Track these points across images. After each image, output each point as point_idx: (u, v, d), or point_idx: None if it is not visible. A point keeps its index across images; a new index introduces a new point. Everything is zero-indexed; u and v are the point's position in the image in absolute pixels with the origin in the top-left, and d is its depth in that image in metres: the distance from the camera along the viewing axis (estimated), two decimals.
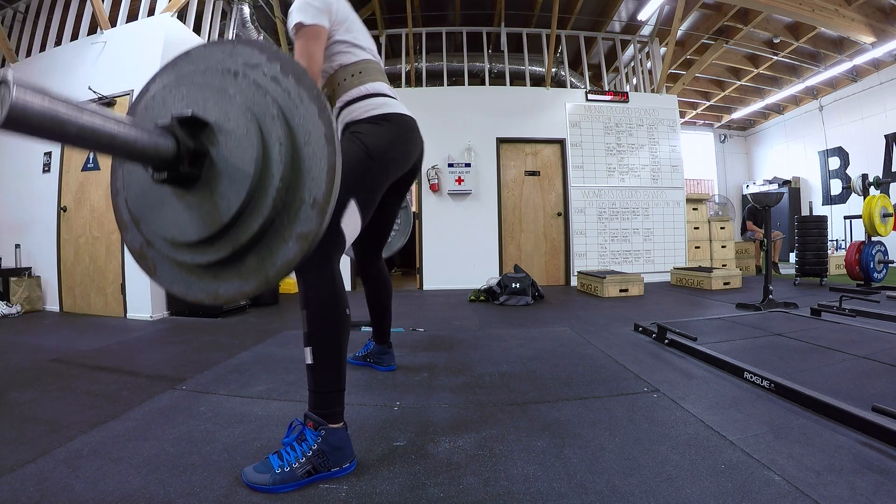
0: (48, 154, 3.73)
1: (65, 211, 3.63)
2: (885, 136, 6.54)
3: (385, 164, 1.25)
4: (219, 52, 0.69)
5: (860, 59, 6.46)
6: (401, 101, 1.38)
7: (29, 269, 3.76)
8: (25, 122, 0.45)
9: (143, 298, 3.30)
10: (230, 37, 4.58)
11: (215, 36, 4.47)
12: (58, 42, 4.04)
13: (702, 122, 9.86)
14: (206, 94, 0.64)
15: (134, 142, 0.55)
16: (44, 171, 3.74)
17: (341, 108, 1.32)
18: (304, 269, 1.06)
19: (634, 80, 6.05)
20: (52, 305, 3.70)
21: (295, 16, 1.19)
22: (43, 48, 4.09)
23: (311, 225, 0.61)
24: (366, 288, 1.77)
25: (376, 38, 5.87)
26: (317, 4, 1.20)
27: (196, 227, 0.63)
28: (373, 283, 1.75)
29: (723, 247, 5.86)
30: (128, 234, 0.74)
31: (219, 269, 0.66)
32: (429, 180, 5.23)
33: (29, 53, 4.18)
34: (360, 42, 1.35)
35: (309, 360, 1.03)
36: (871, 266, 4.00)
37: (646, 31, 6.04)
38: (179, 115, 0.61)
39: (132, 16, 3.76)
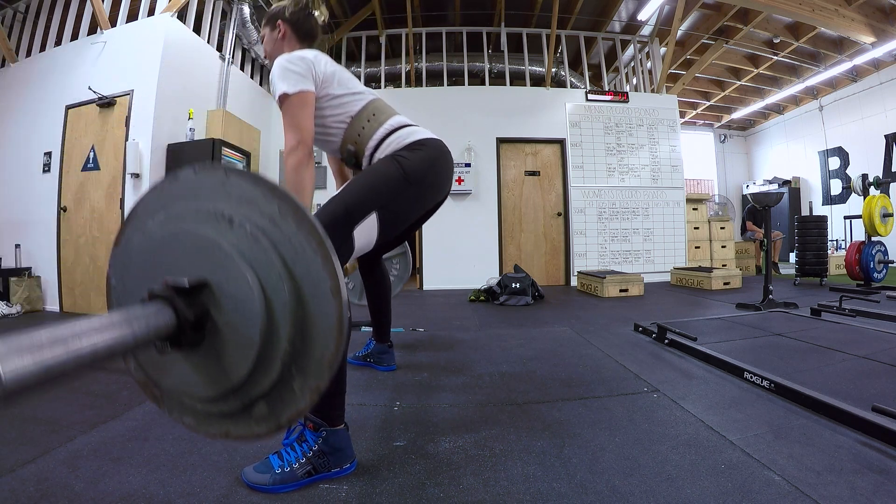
0: (48, 154, 3.74)
1: (65, 211, 3.63)
2: (885, 136, 6.54)
3: (422, 188, 1.22)
4: (210, 182, 0.63)
5: (860, 59, 6.46)
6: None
7: (29, 269, 3.76)
8: (27, 390, 0.41)
9: None
10: (230, 38, 4.58)
11: (215, 37, 4.47)
12: (58, 42, 4.04)
13: (702, 122, 9.86)
14: (200, 250, 0.60)
15: (134, 339, 0.53)
16: (44, 171, 3.74)
17: (373, 152, 1.27)
18: None
19: (634, 80, 6.05)
20: (52, 305, 3.70)
21: (278, 86, 1.15)
22: (43, 48, 4.09)
23: (322, 378, 0.60)
24: (366, 287, 1.79)
25: (376, 39, 5.89)
26: (298, 70, 1.17)
27: (203, 387, 0.62)
28: (372, 282, 1.77)
29: (723, 247, 5.86)
30: (131, 365, 0.70)
31: (230, 413, 0.65)
32: None
33: (29, 53, 4.18)
34: (357, 89, 1.30)
35: None
36: (871, 266, 4.00)
37: (646, 31, 6.04)
38: (175, 285, 0.58)
39: (132, 16, 3.77)
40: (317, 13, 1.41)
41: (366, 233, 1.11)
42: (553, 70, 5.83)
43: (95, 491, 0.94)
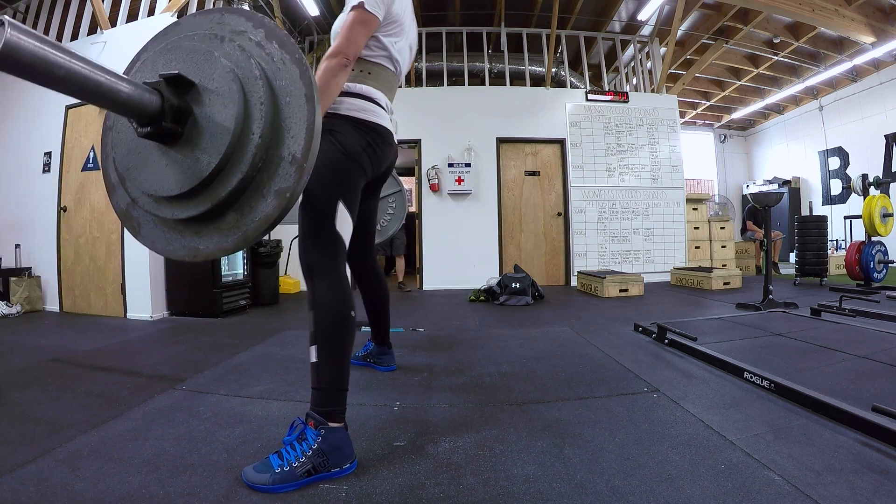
0: (48, 154, 3.73)
1: (65, 211, 3.63)
2: (885, 136, 6.54)
3: (360, 163, 1.24)
4: (208, 20, 0.72)
5: (860, 59, 6.46)
6: (387, 116, 1.35)
7: (29, 269, 3.76)
8: (17, 60, 0.48)
9: (143, 298, 3.30)
10: None
11: None
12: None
13: (702, 122, 9.86)
14: (192, 57, 0.67)
15: (118, 92, 0.59)
16: (44, 171, 3.74)
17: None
18: (314, 272, 1.10)
19: (634, 80, 6.05)
20: (52, 305, 3.70)
21: None
22: None
23: (290, 181, 0.64)
24: (362, 290, 1.74)
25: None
26: None
27: (177, 181, 0.66)
28: (366, 284, 1.72)
29: (723, 247, 5.86)
30: (115, 194, 0.77)
31: (199, 226, 0.69)
32: (429, 180, 5.23)
33: None
34: (392, 49, 1.31)
35: (313, 359, 1.05)
36: (871, 266, 4.00)
37: (646, 31, 6.04)
38: (166, 74, 0.64)
39: (132, 16, 3.77)
40: None
41: (344, 222, 1.16)
42: (553, 70, 5.83)
43: (95, 491, 0.94)
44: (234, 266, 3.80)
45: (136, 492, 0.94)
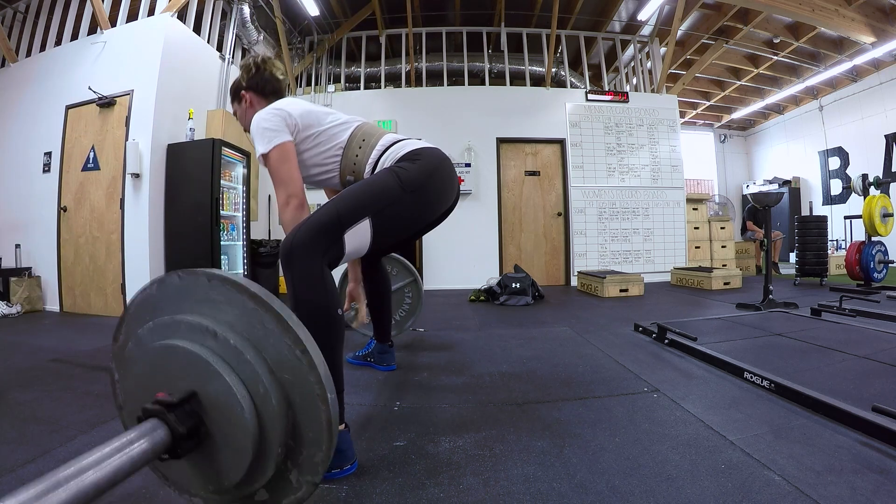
0: (48, 154, 3.74)
1: (65, 211, 3.63)
2: (885, 136, 6.54)
3: (421, 197, 1.21)
4: (194, 289, 0.65)
5: (860, 59, 6.46)
6: (416, 140, 1.35)
7: (29, 269, 3.76)
8: None
9: None
10: (230, 38, 4.58)
11: (215, 37, 4.47)
12: (58, 42, 4.05)
13: (702, 122, 9.86)
14: (188, 361, 0.63)
15: (132, 465, 0.56)
16: (44, 171, 3.74)
17: (373, 171, 1.28)
18: (293, 261, 1.03)
19: (634, 80, 6.05)
20: (52, 305, 3.70)
21: (257, 147, 1.19)
22: (43, 48, 4.09)
23: (316, 475, 0.64)
24: (366, 286, 1.77)
25: (376, 39, 5.90)
26: (270, 125, 1.19)
27: (201, 486, 0.65)
28: (373, 281, 1.76)
29: (723, 247, 5.86)
30: None
31: (233, 500, 0.69)
32: None
33: (29, 53, 4.18)
34: (340, 120, 1.31)
35: None
36: (871, 266, 4.00)
37: (646, 31, 6.04)
38: (167, 402, 0.60)
39: (132, 16, 3.77)
40: (275, 71, 1.43)
41: (358, 237, 1.12)
42: (553, 70, 5.83)
43: None
44: (235, 266, 3.80)
45: (136, 492, 0.94)
